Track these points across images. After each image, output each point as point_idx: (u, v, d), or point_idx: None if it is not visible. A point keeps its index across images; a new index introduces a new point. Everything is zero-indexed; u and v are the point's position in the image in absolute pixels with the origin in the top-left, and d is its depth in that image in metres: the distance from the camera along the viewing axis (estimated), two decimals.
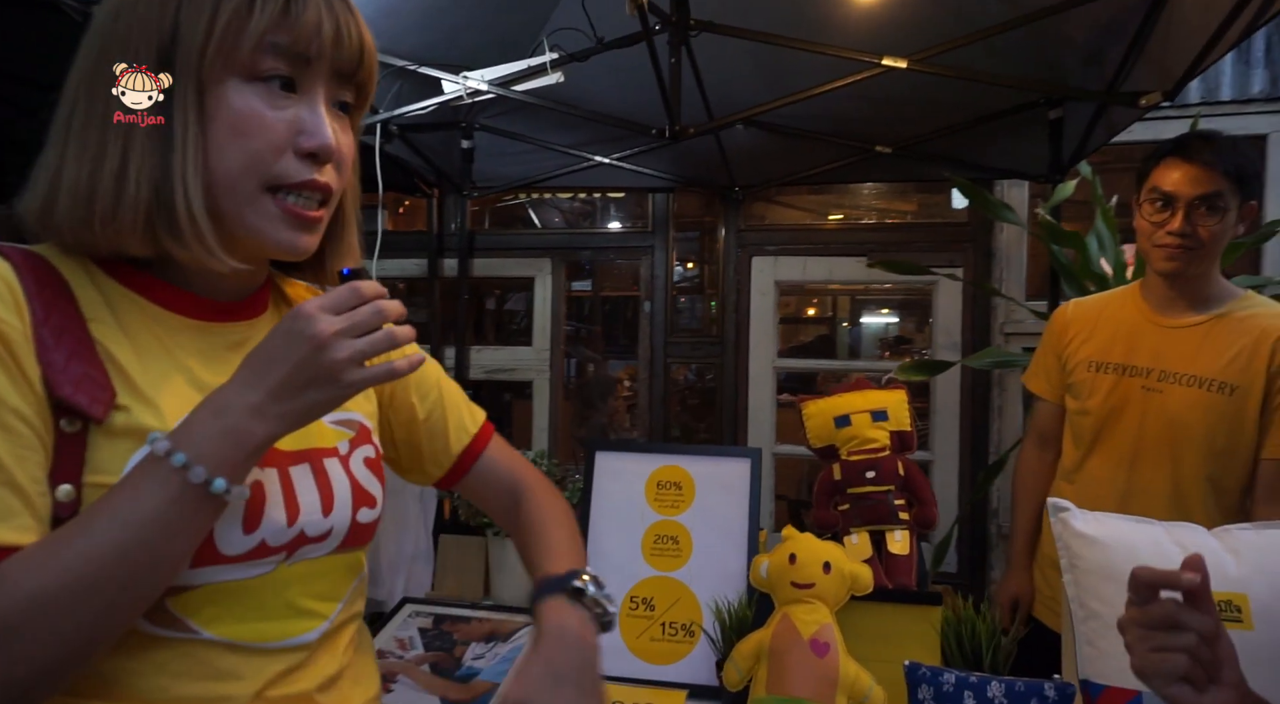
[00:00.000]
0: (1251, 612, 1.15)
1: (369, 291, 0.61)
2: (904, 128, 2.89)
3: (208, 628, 0.64)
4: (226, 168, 0.64)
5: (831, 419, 1.49)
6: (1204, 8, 1.68)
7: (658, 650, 1.47)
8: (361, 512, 0.74)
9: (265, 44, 0.63)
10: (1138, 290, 1.67)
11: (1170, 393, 1.53)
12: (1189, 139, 1.51)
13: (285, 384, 0.59)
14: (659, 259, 3.56)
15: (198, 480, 0.57)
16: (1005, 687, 1.12)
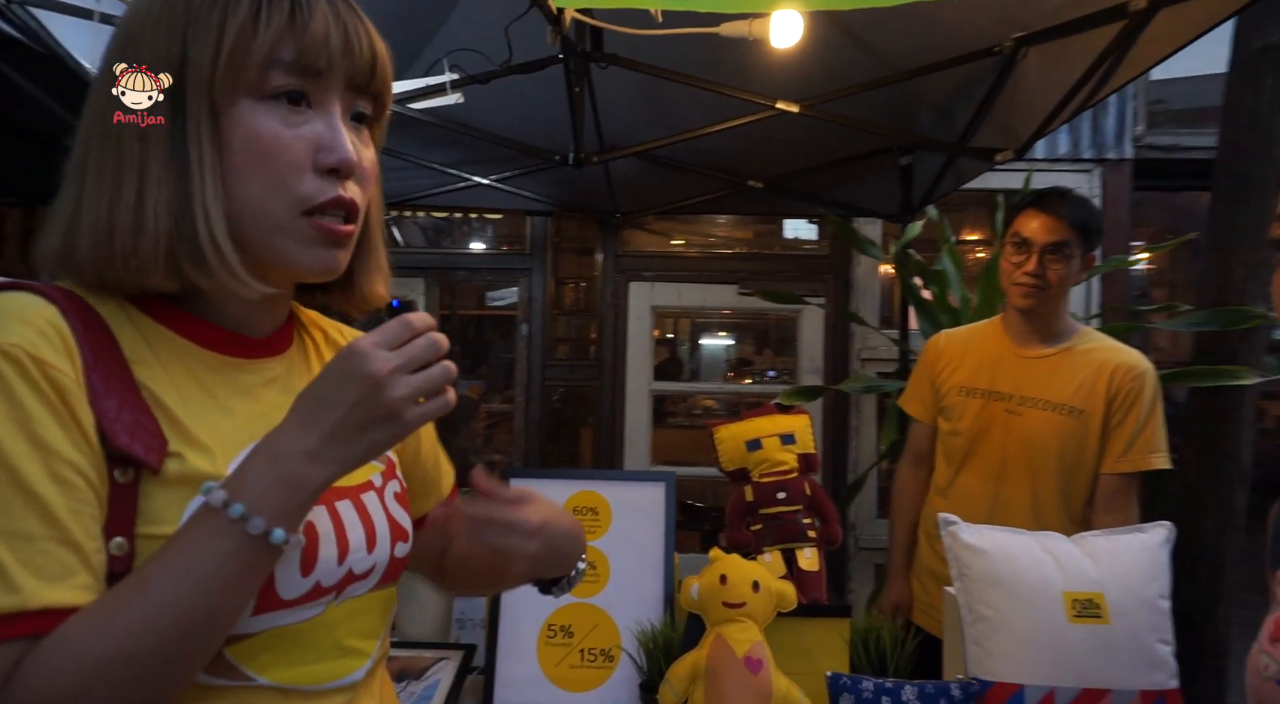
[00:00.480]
0: (1109, 608, 1.33)
1: (420, 324, 0.59)
2: (774, 165, 3.08)
3: (263, 674, 0.62)
4: (251, 193, 0.61)
5: (743, 443, 1.56)
6: (1046, 83, 1.93)
7: (577, 678, 1.47)
8: (399, 546, 0.73)
9: (273, 60, 0.60)
10: (1000, 324, 1.87)
11: (1028, 416, 1.74)
12: (1048, 194, 1.73)
13: (342, 426, 0.57)
14: (536, 281, 3.56)
15: (256, 532, 0.55)
16: (918, 690, 1.22)
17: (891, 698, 1.21)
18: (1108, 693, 1.29)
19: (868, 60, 2.16)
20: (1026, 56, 1.97)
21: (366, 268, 0.73)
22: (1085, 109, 1.90)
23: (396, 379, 0.57)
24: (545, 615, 1.50)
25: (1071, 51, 1.82)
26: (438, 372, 0.59)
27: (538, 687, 1.46)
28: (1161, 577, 1.38)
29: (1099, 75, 1.74)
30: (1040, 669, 1.31)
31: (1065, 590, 1.35)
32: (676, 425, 4.17)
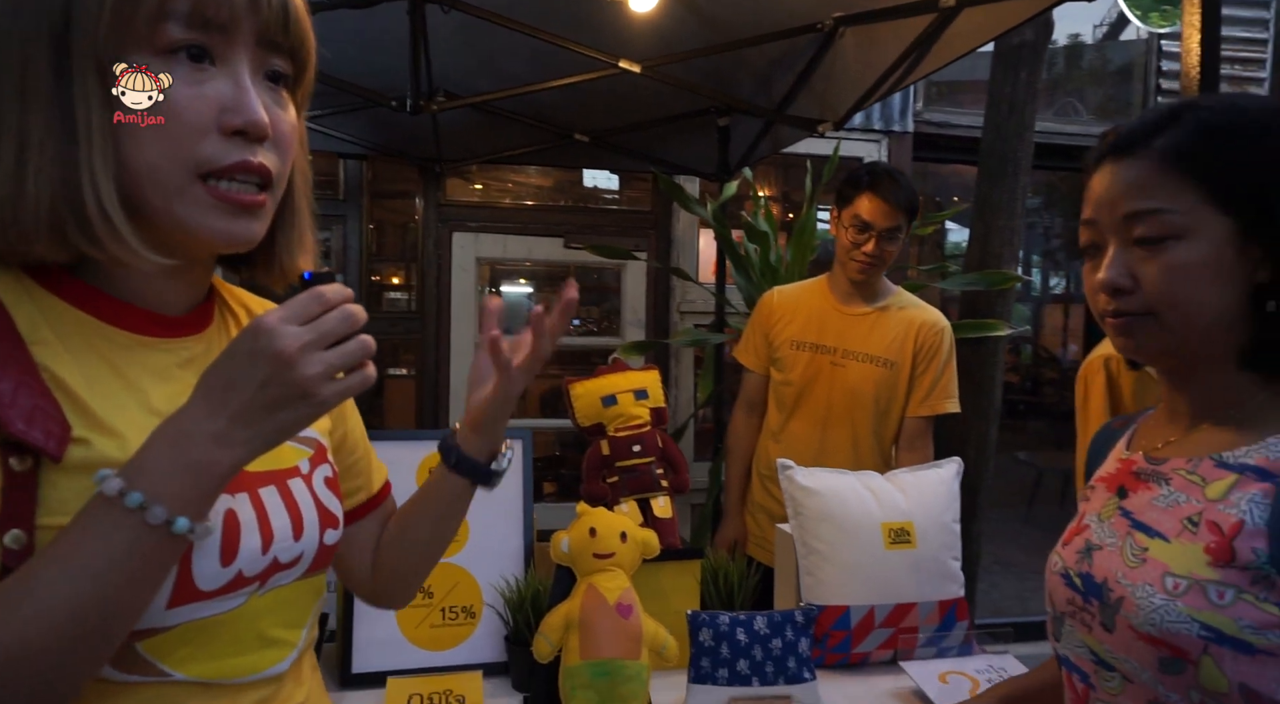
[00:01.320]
0: (916, 534, 1.55)
1: (334, 297, 0.55)
2: (599, 119, 3.10)
3: (180, 669, 0.59)
4: (145, 157, 0.55)
5: (599, 399, 1.60)
6: (860, 63, 2.11)
7: (439, 637, 1.47)
8: (328, 533, 0.69)
9: (166, 10, 0.54)
10: (826, 284, 2.07)
11: (850, 367, 1.97)
12: (881, 176, 1.90)
13: (251, 407, 0.53)
14: (351, 229, 3.35)
15: (157, 521, 0.51)
16: (767, 619, 1.35)
17: (745, 629, 1.34)
18: (914, 606, 1.51)
19: (699, 25, 2.23)
20: (844, 35, 2.13)
21: (289, 239, 0.68)
22: (896, 91, 2.10)
23: (308, 355, 0.53)
24: None
25: (885, 36, 2.00)
26: (354, 346, 0.55)
27: (398, 648, 1.44)
28: (954, 504, 1.62)
29: (910, 61, 1.92)
30: (863, 591, 1.50)
31: (883, 522, 1.55)
32: None
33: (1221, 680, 0.65)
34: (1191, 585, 0.68)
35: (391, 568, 0.86)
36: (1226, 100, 0.74)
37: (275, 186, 0.61)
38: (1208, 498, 0.71)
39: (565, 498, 3.79)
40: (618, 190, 3.98)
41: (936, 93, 4.45)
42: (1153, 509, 0.76)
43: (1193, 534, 0.70)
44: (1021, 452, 6.18)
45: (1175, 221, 0.71)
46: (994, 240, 3.19)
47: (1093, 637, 0.77)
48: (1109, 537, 0.79)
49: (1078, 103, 4.71)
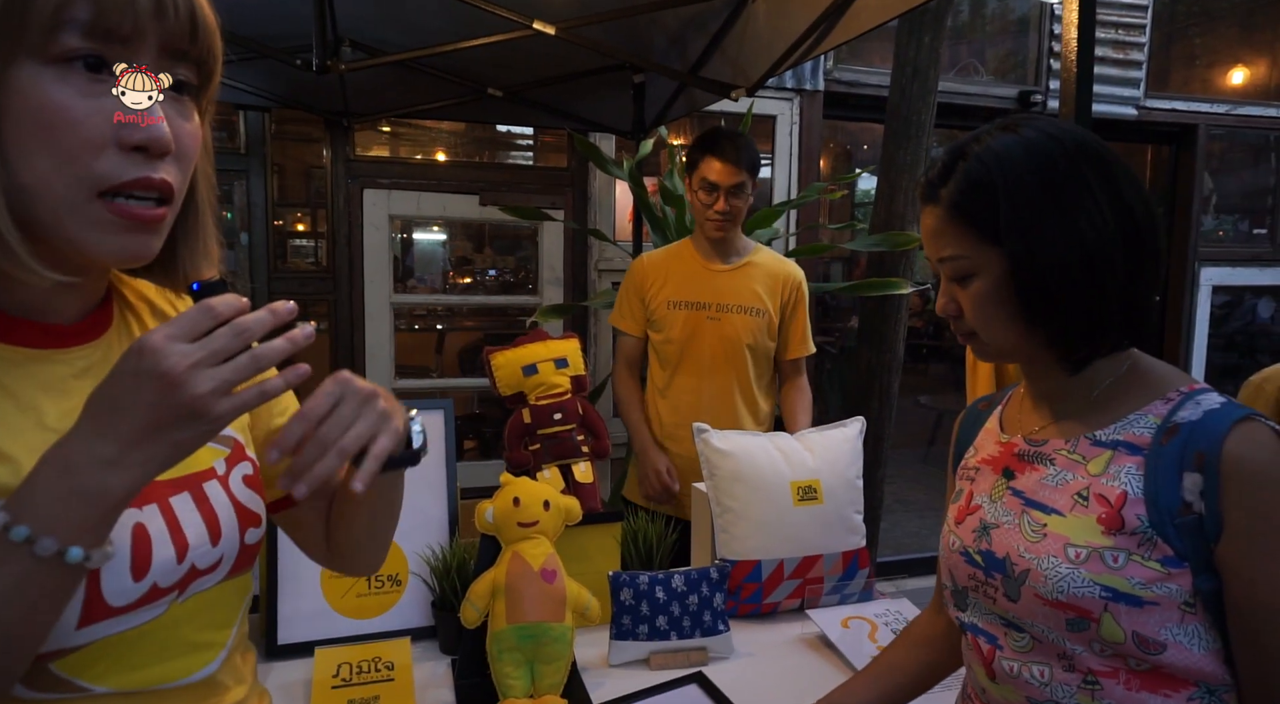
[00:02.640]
0: (823, 491, 1.65)
1: (224, 310, 0.52)
2: (513, 74, 3.03)
3: (100, 683, 0.58)
4: (35, 171, 0.53)
5: (519, 368, 1.63)
6: (772, 31, 2.14)
7: (365, 605, 1.50)
8: (249, 532, 0.69)
9: (64, 19, 0.52)
10: (691, 245, 2.22)
11: (726, 320, 2.13)
12: (721, 140, 2.05)
13: (141, 430, 0.51)
14: (255, 185, 3.20)
15: (47, 553, 0.50)
16: (684, 577, 1.43)
17: (663, 587, 1.42)
18: (820, 557, 1.62)
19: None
20: (756, 2, 2.15)
21: (191, 249, 0.66)
22: (806, 59, 2.14)
23: (196, 374, 0.51)
24: None
25: (796, 5, 2.03)
26: (245, 360, 0.53)
27: (324, 618, 1.46)
28: (858, 461, 1.74)
29: (820, 31, 1.97)
30: (773, 546, 1.60)
31: (792, 480, 1.64)
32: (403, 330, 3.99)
33: (1119, 632, 0.75)
34: (1091, 553, 0.77)
35: (349, 548, 0.85)
36: (994, 147, 0.81)
37: (175, 200, 0.60)
38: (1090, 473, 0.81)
39: (485, 456, 3.81)
40: (535, 146, 3.92)
41: (847, 51, 4.51)
42: (1044, 488, 0.85)
43: (1084, 507, 0.80)
44: (923, 395, 6.52)
45: (966, 264, 0.83)
46: (898, 200, 3.32)
47: (997, 607, 0.86)
48: (1004, 515, 0.87)
49: (979, 63, 4.87)
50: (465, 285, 4.01)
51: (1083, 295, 0.78)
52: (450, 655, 1.43)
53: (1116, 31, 4.54)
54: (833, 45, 2.02)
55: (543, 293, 3.58)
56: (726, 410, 2.15)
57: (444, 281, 3.93)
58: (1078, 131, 0.82)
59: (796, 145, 3.97)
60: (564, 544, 1.47)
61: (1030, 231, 0.78)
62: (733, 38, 2.39)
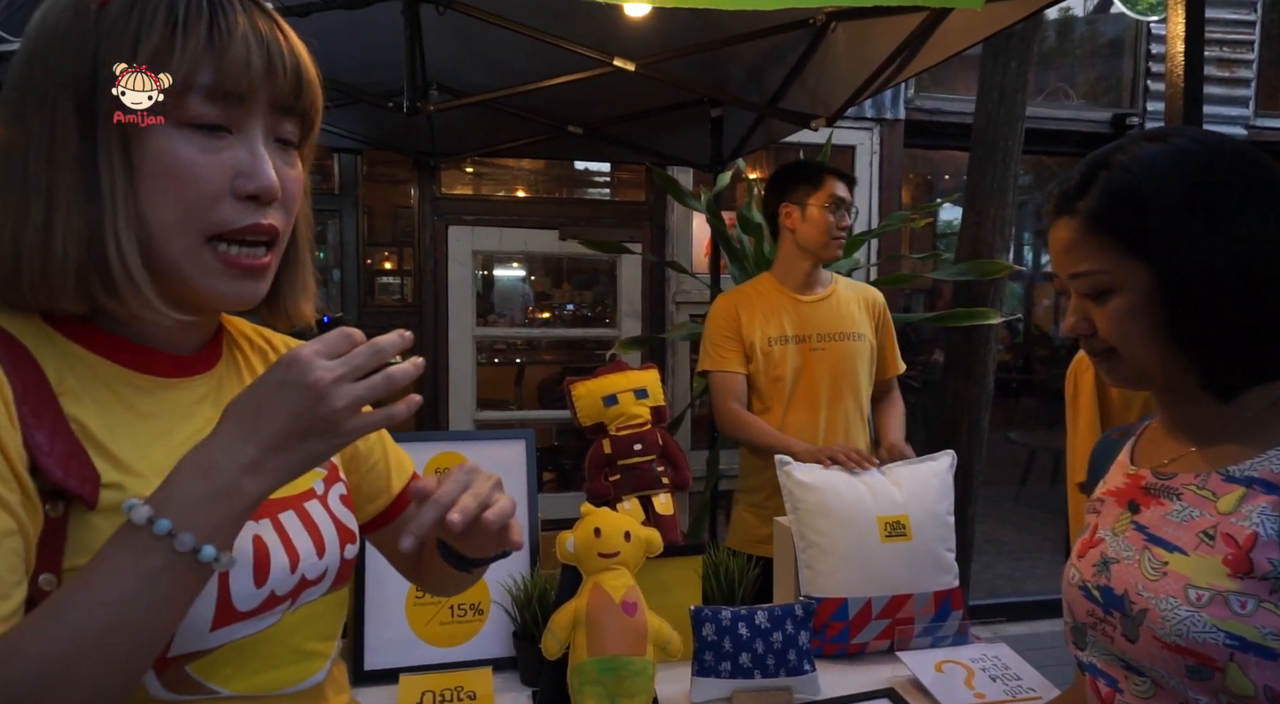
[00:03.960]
0: (912, 527, 1.59)
1: (359, 336, 0.58)
2: (593, 111, 3.10)
3: (227, 686, 0.63)
4: (161, 220, 0.59)
5: (600, 399, 1.64)
6: (852, 59, 2.13)
7: (448, 633, 1.51)
8: (347, 548, 0.73)
9: (190, 85, 0.57)
10: (771, 279, 2.17)
11: (830, 349, 2.09)
12: (826, 165, 2.09)
13: (282, 435, 0.55)
14: (348, 224, 3.35)
15: (185, 549, 0.53)
16: (768, 613, 1.39)
17: (746, 623, 1.38)
18: (910, 597, 1.55)
19: (692, 19, 2.24)
20: (836, 31, 2.14)
21: (293, 286, 0.72)
22: (888, 87, 2.12)
23: (339, 388, 0.55)
24: None
25: (878, 32, 2.01)
26: (380, 380, 0.57)
27: (408, 646, 1.48)
28: (948, 496, 1.66)
29: (901, 58, 1.94)
30: (860, 583, 1.54)
31: (878, 515, 1.59)
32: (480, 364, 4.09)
33: (1248, 685, 0.69)
34: (1214, 596, 0.71)
35: (440, 580, 0.91)
36: (1142, 156, 0.77)
37: (279, 243, 0.65)
38: (1220, 511, 0.75)
39: (564, 488, 3.83)
40: (613, 180, 3.99)
41: (929, 79, 4.45)
42: (1168, 524, 0.79)
43: (1210, 547, 0.74)
44: (1014, 431, 6.24)
45: (1105, 279, 0.78)
46: (986, 228, 3.22)
47: (1116, 647, 0.80)
48: (1125, 550, 0.82)
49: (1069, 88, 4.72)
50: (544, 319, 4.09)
51: (1239, 315, 0.73)
52: (531, 687, 1.43)
53: (1222, 49, 4.34)
54: (915, 72, 2.00)
55: (620, 326, 3.61)
56: (848, 442, 2.08)
57: (524, 316, 4.01)
58: (1236, 141, 0.77)
59: (877, 175, 3.91)
60: (644, 577, 1.45)
61: (1181, 244, 0.73)
62: (812, 68, 2.38)
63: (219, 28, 0.58)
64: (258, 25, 0.60)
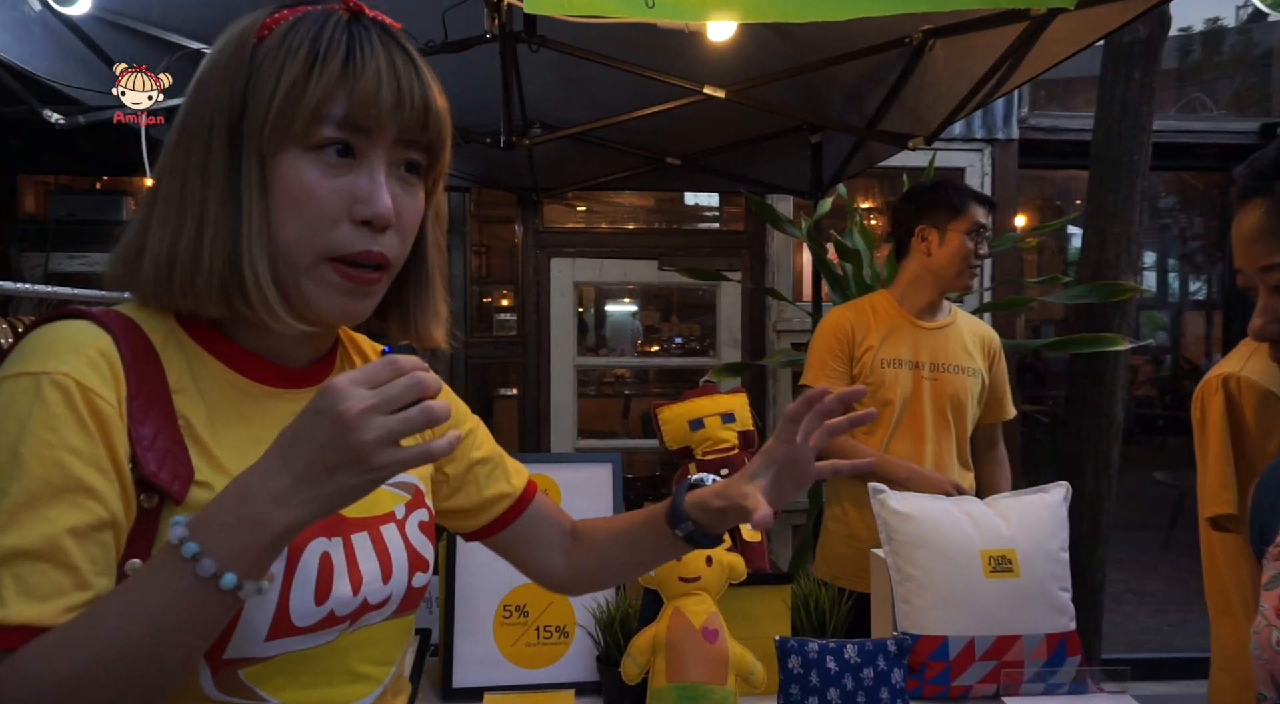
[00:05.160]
0: (1019, 562, 1.48)
1: (408, 365, 0.56)
2: (690, 142, 3.13)
3: (275, 695, 0.64)
4: (285, 238, 0.63)
5: (686, 423, 1.62)
6: (952, 75, 2.06)
7: (534, 655, 1.51)
8: (416, 576, 0.74)
9: (322, 115, 0.61)
10: (891, 299, 2.08)
11: (943, 379, 2.00)
12: (966, 188, 2.02)
13: (311, 467, 0.54)
14: (456, 259, 3.51)
15: (206, 574, 0.53)
16: (858, 648, 1.33)
17: (835, 657, 1.32)
18: (1019, 638, 1.44)
19: (785, 45, 2.23)
20: (934, 48, 2.08)
21: (423, 307, 0.74)
22: (989, 101, 2.03)
23: (368, 419, 0.53)
24: (500, 596, 1.54)
25: (977, 46, 1.94)
26: (416, 414, 0.55)
27: (495, 665, 1.49)
28: (1062, 531, 1.54)
29: (1003, 70, 1.86)
30: (961, 621, 1.44)
31: (982, 548, 1.49)
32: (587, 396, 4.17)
33: None
34: None
35: (590, 579, 0.96)
36: None
37: (391, 268, 0.67)
38: None
39: None
40: (716, 209, 4.01)
41: (1045, 96, 4.25)
42: None
43: None
44: (1160, 471, 5.73)
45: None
46: (1109, 249, 3.02)
47: None
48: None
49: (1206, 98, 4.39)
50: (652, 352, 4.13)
51: None
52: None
53: None
54: (1019, 83, 1.91)
55: (720, 354, 3.59)
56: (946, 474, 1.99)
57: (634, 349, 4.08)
58: None
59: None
60: (729, 605, 1.42)
61: None
62: (911, 87, 2.32)
63: (354, 61, 0.61)
64: (393, 60, 0.63)
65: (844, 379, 2.05)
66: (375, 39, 0.63)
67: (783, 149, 3.10)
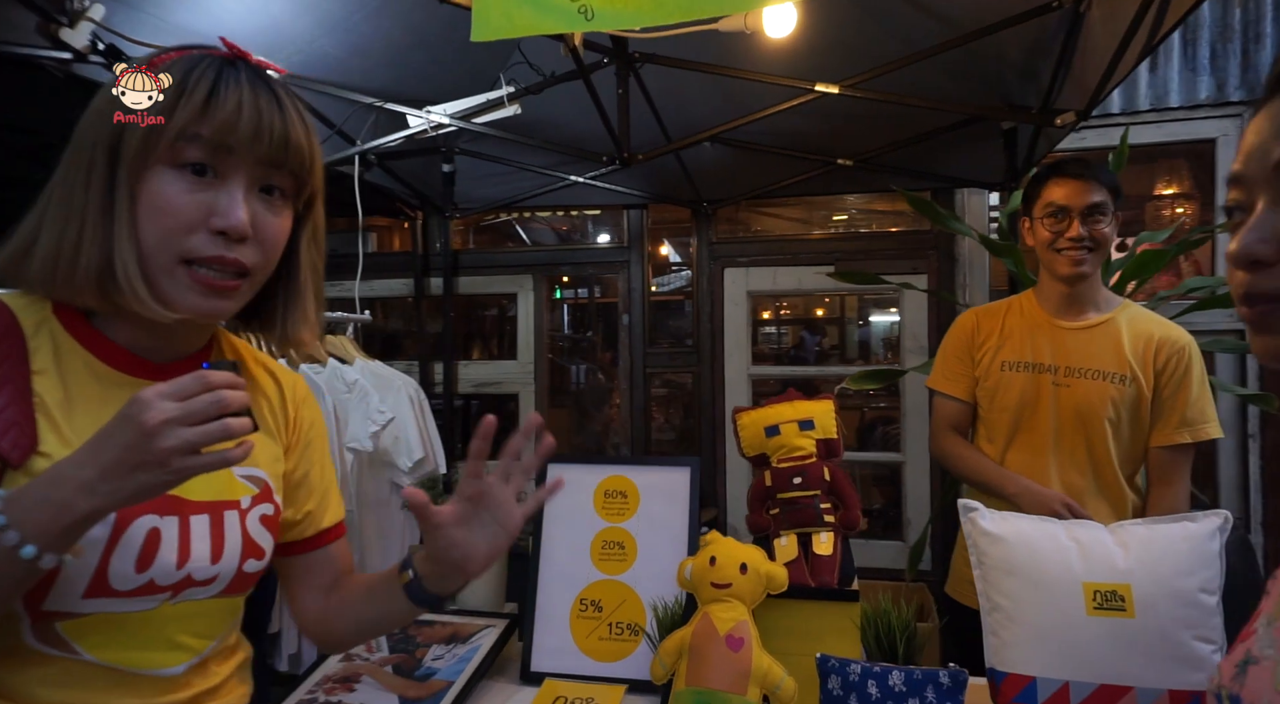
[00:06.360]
0: (1134, 601, 1.25)
1: (217, 380, 0.64)
2: (864, 141, 3.00)
3: (90, 652, 0.73)
4: (148, 241, 0.73)
5: (762, 429, 1.59)
6: (1110, 34, 1.78)
7: (605, 649, 1.57)
8: (249, 562, 0.82)
9: (186, 135, 0.72)
10: (1033, 297, 1.85)
11: (1077, 386, 1.72)
12: (1067, 162, 1.71)
13: (115, 465, 0.62)
14: (635, 272, 3.67)
15: (8, 544, 0.62)
16: (904, 675, 1.21)
17: (877, 681, 1.22)
18: (1130, 690, 1.22)
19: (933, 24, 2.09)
20: (1090, 8, 1.83)
21: (293, 316, 0.85)
22: (1147, 55, 1.74)
23: (168, 430, 0.61)
24: (577, 591, 1.61)
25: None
26: (215, 429, 0.63)
27: (570, 655, 1.57)
28: (1206, 569, 1.28)
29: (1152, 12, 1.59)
30: (1054, 662, 1.26)
31: (1085, 581, 1.29)
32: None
33: None
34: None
35: (329, 630, 0.97)
36: None
37: (253, 275, 0.77)
38: None
39: None
40: (898, 210, 3.77)
41: None
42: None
43: None
44: None
45: None
46: None
47: None
48: (1268, 648, 0.61)
49: None
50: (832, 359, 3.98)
51: None
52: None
53: None
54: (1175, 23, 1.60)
55: (904, 361, 3.36)
56: (1077, 499, 1.71)
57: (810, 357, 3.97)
58: None
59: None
60: (793, 619, 1.38)
61: None
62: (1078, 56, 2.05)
63: (217, 94, 0.72)
64: (256, 95, 0.74)
65: (965, 382, 1.89)
66: (243, 77, 0.74)
67: (967, 139, 2.87)
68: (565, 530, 1.66)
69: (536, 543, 1.67)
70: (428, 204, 3.55)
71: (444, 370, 3.74)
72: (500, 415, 3.13)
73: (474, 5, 1.01)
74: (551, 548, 1.65)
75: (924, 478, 3.36)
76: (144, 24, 1.91)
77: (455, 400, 3.76)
